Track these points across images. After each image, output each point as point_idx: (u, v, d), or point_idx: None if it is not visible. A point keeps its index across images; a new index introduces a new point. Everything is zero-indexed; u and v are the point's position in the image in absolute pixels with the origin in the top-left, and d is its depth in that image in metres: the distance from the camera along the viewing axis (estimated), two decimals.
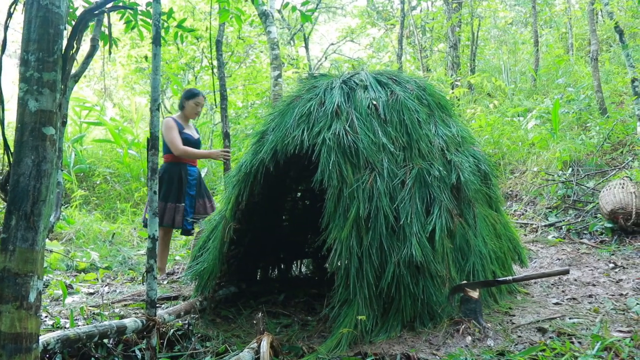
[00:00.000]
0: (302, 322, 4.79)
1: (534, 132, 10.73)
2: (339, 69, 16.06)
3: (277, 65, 9.95)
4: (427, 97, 5.06)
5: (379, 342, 3.97)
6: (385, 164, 4.42)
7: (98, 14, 3.81)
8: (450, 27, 15.95)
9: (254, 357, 3.69)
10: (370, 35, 24.63)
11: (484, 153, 5.43)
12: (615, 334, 3.90)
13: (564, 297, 5.10)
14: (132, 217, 10.64)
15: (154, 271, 3.83)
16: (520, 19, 22.46)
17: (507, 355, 3.63)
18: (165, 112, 17.25)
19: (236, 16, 7.10)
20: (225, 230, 4.92)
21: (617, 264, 6.16)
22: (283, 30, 21.18)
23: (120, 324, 3.87)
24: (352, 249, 4.14)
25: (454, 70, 15.67)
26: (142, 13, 5.98)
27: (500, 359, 3.60)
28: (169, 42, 9.47)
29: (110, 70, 21.61)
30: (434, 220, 4.33)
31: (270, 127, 4.92)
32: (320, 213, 4.38)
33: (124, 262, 7.59)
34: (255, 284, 5.87)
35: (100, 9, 3.57)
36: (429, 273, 4.20)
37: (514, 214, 8.92)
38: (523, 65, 16.92)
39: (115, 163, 13.10)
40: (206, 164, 12.70)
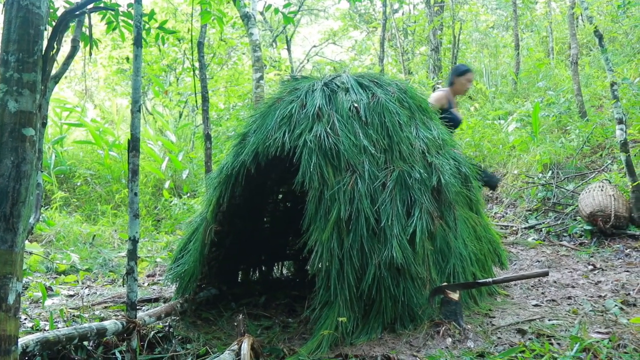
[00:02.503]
0: (283, 324, 4.80)
1: (515, 135, 10.80)
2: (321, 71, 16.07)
3: (259, 67, 9.94)
4: (408, 100, 5.07)
5: (359, 343, 3.98)
6: (366, 166, 4.43)
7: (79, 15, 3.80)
8: (432, 30, 16.01)
9: (235, 359, 3.69)
10: (353, 37, 24.68)
11: (464, 156, 5.46)
12: (594, 335, 3.93)
13: (543, 299, 5.13)
14: (112, 219, 10.58)
15: (135, 273, 3.82)
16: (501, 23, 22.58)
17: (487, 356, 3.66)
18: (146, 114, 17.20)
19: (218, 18, 7.10)
20: (206, 232, 4.91)
21: (596, 266, 6.21)
22: (265, 32, 21.18)
23: (100, 326, 3.86)
24: (333, 251, 4.15)
25: (436, 73, 15.72)
26: (124, 14, 5.96)
27: None
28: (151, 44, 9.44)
29: (91, 71, 21.50)
30: (415, 222, 4.35)
31: (252, 129, 4.92)
32: (302, 215, 4.39)
33: (104, 264, 7.55)
34: (236, 286, 5.86)
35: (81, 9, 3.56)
36: (410, 275, 4.22)
37: (495, 216, 8.97)
38: (504, 69, 17.02)
39: (96, 165, 13.02)
40: (187, 166, 12.67)
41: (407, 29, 19.91)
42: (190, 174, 12.55)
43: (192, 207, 10.28)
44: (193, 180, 12.48)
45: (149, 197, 11.91)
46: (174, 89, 16.00)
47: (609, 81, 7.60)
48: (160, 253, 8.31)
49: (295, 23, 21.87)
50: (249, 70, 15.87)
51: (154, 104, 18.15)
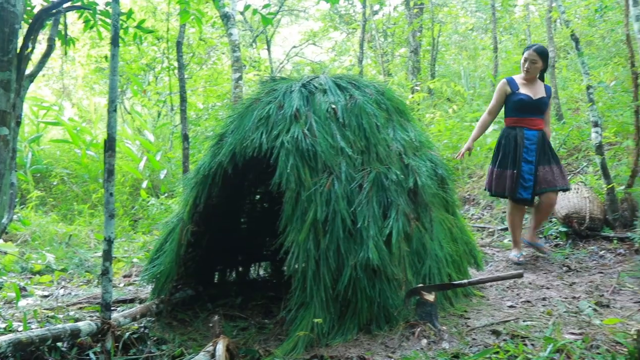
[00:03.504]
0: (259, 325, 4.79)
1: (492, 137, 10.84)
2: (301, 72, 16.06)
3: (238, 68, 9.93)
4: (385, 102, 5.09)
5: (335, 345, 3.98)
6: (343, 167, 4.44)
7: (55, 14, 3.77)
8: (411, 32, 16.06)
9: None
10: (333, 38, 24.68)
11: (441, 157, 5.49)
12: (568, 336, 3.96)
13: (518, 300, 5.17)
14: (89, 219, 10.52)
15: (110, 274, 3.81)
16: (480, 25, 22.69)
17: (462, 357, 3.67)
18: (124, 113, 17.12)
19: (197, 18, 7.07)
20: (183, 232, 4.90)
21: (570, 268, 6.26)
22: (245, 32, 21.13)
23: (74, 327, 3.84)
24: (309, 252, 4.16)
25: (415, 75, 15.78)
26: (101, 13, 5.92)
27: None
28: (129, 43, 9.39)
29: (69, 69, 21.36)
30: (391, 223, 4.36)
31: (229, 130, 4.91)
32: (279, 216, 4.39)
33: (80, 264, 7.50)
34: (212, 286, 5.84)
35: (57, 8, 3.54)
36: (386, 276, 4.23)
37: (471, 218, 9.01)
38: (482, 71, 17.10)
39: (73, 164, 12.94)
40: (165, 166, 12.62)
41: (386, 30, 19.95)
42: (168, 174, 12.51)
43: (170, 207, 10.24)
44: (171, 180, 12.43)
45: (126, 197, 11.86)
46: (153, 88, 15.92)
47: (585, 84, 7.66)
48: (137, 253, 8.27)
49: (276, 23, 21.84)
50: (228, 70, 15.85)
51: (133, 103, 18.04)
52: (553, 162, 6.31)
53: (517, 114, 6.39)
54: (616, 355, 3.56)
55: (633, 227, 6.91)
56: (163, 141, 14.59)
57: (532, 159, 6.27)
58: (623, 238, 6.85)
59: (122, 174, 12.37)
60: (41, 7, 3.58)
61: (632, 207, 7.04)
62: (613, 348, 3.72)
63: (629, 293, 5.31)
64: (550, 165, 6.27)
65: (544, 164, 6.27)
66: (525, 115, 6.37)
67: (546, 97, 6.39)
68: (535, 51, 6.31)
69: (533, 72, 6.36)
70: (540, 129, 6.37)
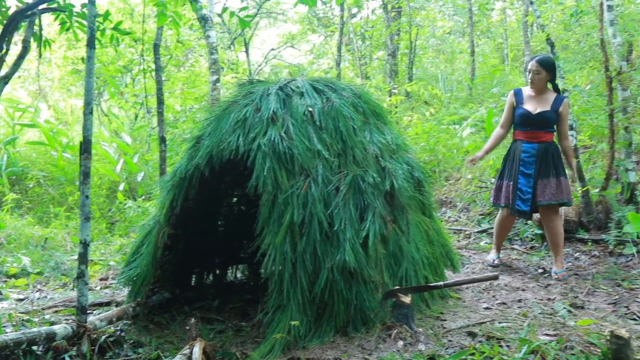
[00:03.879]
0: (236, 328, 4.79)
1: (469, 140, 10.91)
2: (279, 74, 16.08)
3: (216, 70, 9.91)
4: (362, 105, 5.11)
5: (312, 347, 4.00)
6: (320, 170, 4.45)
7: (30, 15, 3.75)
8: (389, 35, 16.12)
9: None
10: (311, 41, 24.73)
11: (417, 160, 5.51)
12: (542, 338, 4.01)
13: (494, 302, 5.21)
14: (65, 222, 10.44)
15: (85, 277, 3.79)
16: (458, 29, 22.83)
17: (438, 359, 3.70)
18: (101, 115, 17.02)
19: (174, 20, 7.05)
20: (159, 235, 4.88)
21: (546, 270, 6.32)
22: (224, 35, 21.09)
23: (49, 331, 3.82)
24: (286, 255, 4.17)
25: (392, 78, 15.82)
26: (77, 14, 5.89)
27: None
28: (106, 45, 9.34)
29: (45, 71, 21.19)
30: (368, 226, 4.38)
31: (206, 132, 4.91)
32: (256, 219, 4.39)
33: (56, 267, 7.44)
34: (189, 289, 5.82)
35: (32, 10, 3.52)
36: (362, 278, 4.24)
37: (448, 220, 9.06)
38: (460, 74, 17.20)
39: (49, 166, 12.84)
40: (143, 168, 12.56)
41: (364, 33, 20.01)
42: (145, 177, 12.45)
43: (147, 210, 10.18)
44: (148, 183, 12.37)
45: (103, 200, 11.79)
46: (130, 90, 15.85)
47: (561, 88, 7.73)
48: (114, 256, 8.22)
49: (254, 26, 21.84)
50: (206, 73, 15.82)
51: (110, 105, 17.94)
52: (555, 175, 6.10)
53: (518, 127, 6.33)
54: (590, 356, 3.61)
55: (607, 229, 6.98)
56: (140, 143, 14.51)
57: (530, 172, 6.14)
58: (597, 240, 6.92)
59: (99, 177, 12.29)
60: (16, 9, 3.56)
61: (607, 210, 7.11)
62: (587, 349, 3.77)
63: (603, 294, 5.38)
64: (549, 179, 6.07)
65: (543, 177, 6.10)
66: (524, 128, 6.25)
67: (550, 111, 6.11)
68: (537, 62, 6.17)
69: (538, 83, 6.19)
70: (543, 142, 6.16)
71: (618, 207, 7.06)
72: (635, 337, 4.09)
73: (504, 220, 6.57)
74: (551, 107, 6.12)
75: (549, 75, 6.17)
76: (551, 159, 6.13)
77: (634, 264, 6.22)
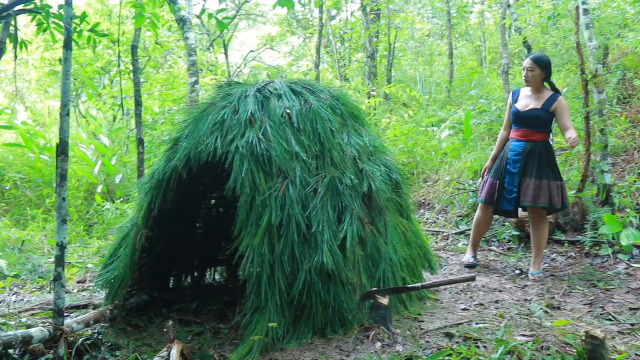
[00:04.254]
0: (214, 330, 4.78)
1: (447, 142, 10.97)
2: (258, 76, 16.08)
3: (195, 72, 9.89)
4: (340, 107, 5.12)
5: (290, 349, 4.01)
6: (297, 172, 4.46)
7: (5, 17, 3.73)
8: (367, 38, 16.14)
9: None
10: (290, 43, 24.74)
11: (395, 162, 5.54)
12: (519, 338, 4.04)
13: (471, 303, 5.24)
14: (43, 224, 10.36)
15: (62, 279, 3.77)
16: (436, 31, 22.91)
17: None
18: (79, 117, 16.91)
19: (151, 22, 7.03)
20: (137, 237, 4.87)
21: (522, 271, 6.37)
22: (202, 36, 21.05)
23: (25, 334, 3.79)
24: (264, 257, 4.17)
25: (371, 80, 15.85)
26: (54, 16, 5.86)
27: None
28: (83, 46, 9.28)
29: (22, 72, 21.03)
30: (346, 228, 4.39)
31: (184, 134, 4.90)
32: (234, 220, 4.39)
33: (33, 270, 7.38)
34: (167, 291, 5.81)
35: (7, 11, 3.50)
36: (340, 280, 4.26)
37: (426, 222, 9.10)
38: (438, 77, 17.27)
39: (26, 168, 12.73)
40: (121, 170, 12.49)
41: (343, 35, 20.04)
42: (123, 178, 12.38)
43: (125, 212, 10.13)
44: (126, 185, 12.30)
45: (80, 202, 11.71)
46: (108, 91, 15.77)
47: None
48: (92, 258, 8.17)
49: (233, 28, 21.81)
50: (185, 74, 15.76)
51: (88, 107, 17.85)
52: (537, 176, 6.01)
53: (512, 126, 6.35)
54: (565, 356, 3.65)
55: (583, 230, 7.05)
56: (118, 145, 14.44)
57: (515, 170, 6.14)
58: (574, 241, 6.99)
59: (77, 179, 12.21)
60: None
61: (583, 211, 7.18)
62: (563, 349, 3.81)
63: (579, 295, 5.43)
64: (530, 179, 6.01)
65: (528, 177, 6.03)
66: (515, 127, 6.28)
67: (539, 109, 6.09)
68: (532, 59, 6.18)
69: (532, 81, 6.18)
70: (532, 141, 6.13)
71: (594, 209, 7.13)
72: (610, 337, 4.14)
73: (480, 217, 6.57)
74: (542, 105, 6.11)
75: (543, 72, 6.15)
76: (536, 159, 6.06)
77: (609, 265, 6.28)
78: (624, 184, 7.51)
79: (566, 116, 6.05)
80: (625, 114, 8.94)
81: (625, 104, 9.28)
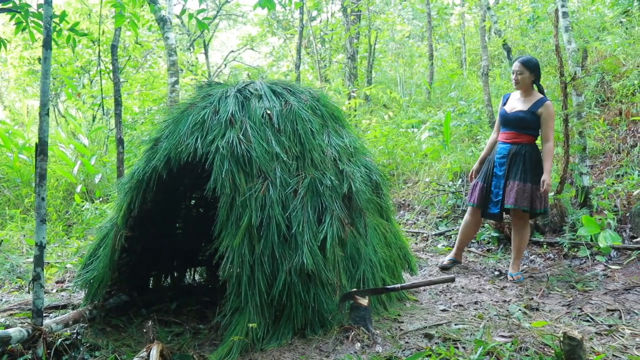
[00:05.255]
0: (194, 331, 4.78)
1: (427, 143, 11.01)
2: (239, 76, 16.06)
3: (175, 72, 9.87)
4: (321, 108, 5.14)
5: (270, 349, 4.02)
6: (278, 173, 4.47)
7: None
8: (348, 39, 16.18)
9: None
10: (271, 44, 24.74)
11: (376, 163, 5.56)
12: (498, 339, 4.08)
13: (451, 304, 5.28)
14: (21, 224, 10.28)
15: (41, 279, 3.75)
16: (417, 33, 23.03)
17: None
18: (58, 116, 16.80)
19: (132, 21, 7.01)
20: (117, 237, 4.85)
21: (502, 272, 6.41)
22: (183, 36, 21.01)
23: (4, 334, 3.77)
24: (244, 257, 4.17)
25: (352, 81, 15.89)
26: (33, 15, 5.83)
27: None
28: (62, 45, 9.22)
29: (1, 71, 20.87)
30: (326, 229, 4.40)
31: (164, 135, 4.89)
32: (214, 221, 4.39)
33: (12, 270, 7.33)
34: (147, 292, 5.79)
35: None
36: (320, 281, 4.27)
37: (406, 223, 9.12)
38: (418, 78, 17.34)
39: (5, 167, 12.62)
40: (101, 170, 12.43)
41: (324, 36, 20.08)
42: (103, 178, 12.31)
43: (105, 212, 10.08)
44: (106, 185, 12.23)
45: (59, 202, 11.62)
46: (88, 91, 15.68)
47: None
48: (71, 259, 8.13)
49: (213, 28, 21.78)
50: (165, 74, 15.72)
51: (67, 107, 17.72)
52: (522, 179, 5.99)
53: (500, 129, 6.36)
54: (544, 356, 3.69)
55: (562, 232, 7.12)
56: (98, 145, 14.34)
57: (501, 173, 6.15)
58: (552, 243, 7.04)
59: (56, 178, 12.12)
60: None
61: (561, 213, 7.24)
62: (541, 350, 3.85)
63: (558, 296, 5.48)
64: (515, 182, 6.00)
65: (512, 179, 6.03)
66: (503, 129, 6.27)
67: (525, 111, 6.07)
68: (521, 62, 6.13)
69: (522, 84, 6.13)
70: (517, 143, 6.11)
71: (572, 211, 7.20)
72: (588, 338, 4.19)
73: (469, 221, 6.58)
74: (529, 107, 6.07)
75: (532, 75, 6.11)
76: (521, 162, 6.04)
77: (587, 267, 6.34)
78: (602, 186, 7.58)
79: (549, 125, 6.03)
80: (604, 116, 9.04)
81: (603, 106, 9.38)
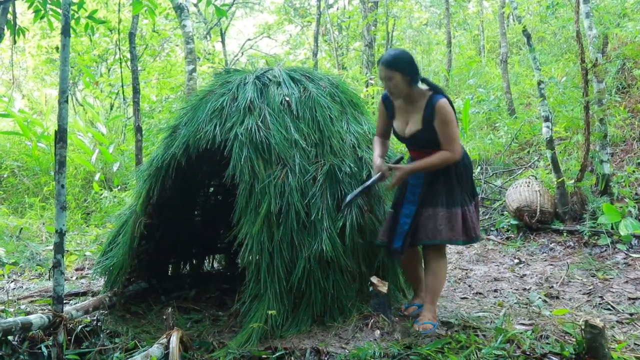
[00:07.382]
0: (213, 318, 4.79)
1: None
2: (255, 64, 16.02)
3: (192, 60, 9.86)
4: (339, 95, 5.10)
5: (289, 336, 4.01)
6: (297, 160, 4.44)
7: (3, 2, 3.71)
8: (365, 26, 16.11)
9: (164, 352, 3.68)
10: (287, 31, 24.69)
11: (394, 150, 5.52)
12: (518, 327, 4.05)
13: (470, 292, 5.25)
14: (41, 212, 10.35)
15: (61, 266, 3.76)
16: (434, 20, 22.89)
17: (414, 348, 3.72)
18: (76, 105, 16.87)
19: (149, 9, 6.99)
20: (136, 225, 4.86)
21: (521, 260, 6.38)
22: (200, 25, 20.99)
23: (25, 321, 3.78)
24: (263, 244, 4.16)
25: (369, 69, 15.83)
26: (52, 2, 5.83)
27: (408, 352, 3.68)
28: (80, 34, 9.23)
29: (19, 60, 20.95)
30: (345, 216, 4.38)
31: (183, 122, 4.88)
32: (233, 208, 4.38)
33: (31, 257, 7.38)
34: (166, 279, 5.81)
35: None
36: (339, 268, 4.26)
37: None
38: (436, 66, 17.25)
39: (24, 156, 12.70)
40: (118, 158, 12.47)
41: (341, 24, 20.01)
42: (121, 167, 12.36)
43: (123, 200, 10.13)
44: (124, 173, 12.29)
45: (78, 190, 11.69)
46: (105, 80, 15.72)
47: (537, 80, 7.78)
48: (90, 246, 8.17)
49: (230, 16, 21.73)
50: (182, 62, 15.72)
51: (85, 95, 17.79)
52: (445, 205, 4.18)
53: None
54: (565, 345, 3.65)
55: (582, 220, 7.06)
56: (116, 133, 14.40)
57: (414, 198, 4.28)
58: (572, 231, 7.00)
59: (75, 167, 12.18)
60: None
61: (582, 201, 7.18)
62: (562, 338, 3.82)
63: (578, 284, 5.44)
64: (436, 209, 4.17)
65: (428, 207, 4.20)
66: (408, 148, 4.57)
67: (422, 129, 4.19)
68: (383, 64, 4.17)
69: (397, 92, 4.20)
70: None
71: (593, 198, 7.14)
72: (609, 326, 4.15)
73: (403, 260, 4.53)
74: (422, 122, 4.18)
75: (405, 76, 4.16)
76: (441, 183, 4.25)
77: (608, 255, 6.29)
78: (623, 173, 7.52)
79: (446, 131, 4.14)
80: (625, 103, 8.94)
81: (624, 93, 9.28)
